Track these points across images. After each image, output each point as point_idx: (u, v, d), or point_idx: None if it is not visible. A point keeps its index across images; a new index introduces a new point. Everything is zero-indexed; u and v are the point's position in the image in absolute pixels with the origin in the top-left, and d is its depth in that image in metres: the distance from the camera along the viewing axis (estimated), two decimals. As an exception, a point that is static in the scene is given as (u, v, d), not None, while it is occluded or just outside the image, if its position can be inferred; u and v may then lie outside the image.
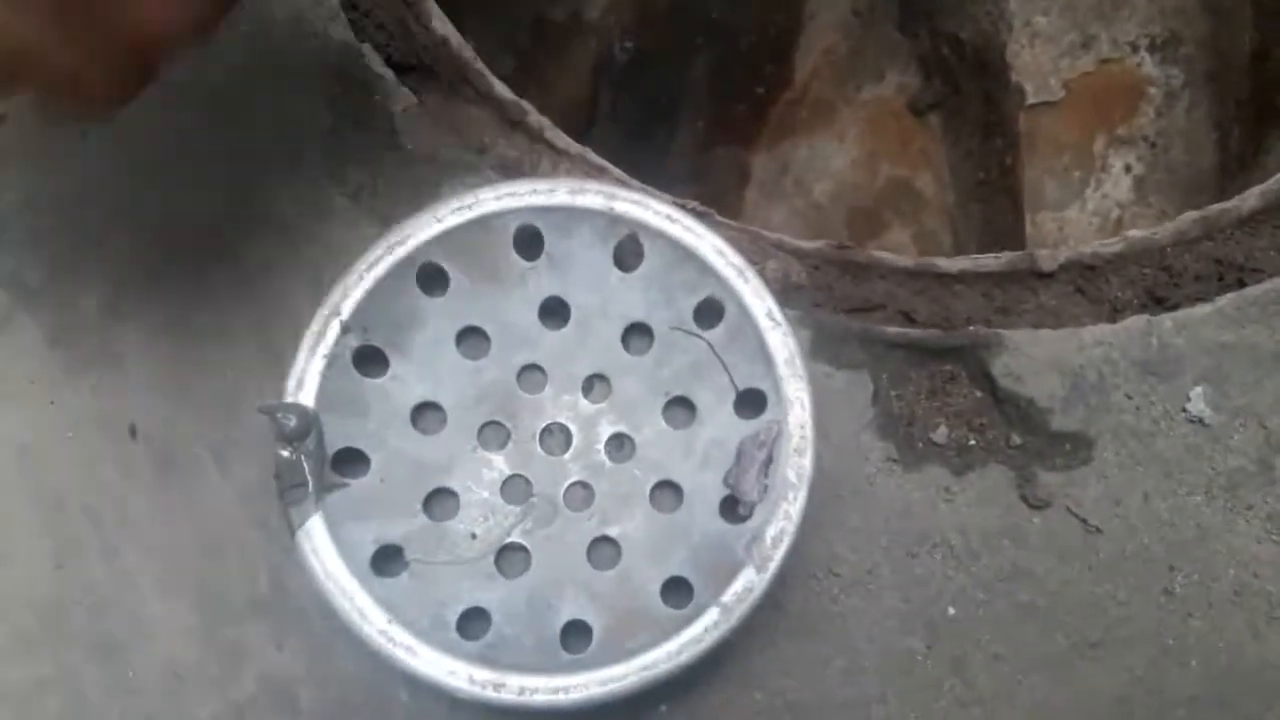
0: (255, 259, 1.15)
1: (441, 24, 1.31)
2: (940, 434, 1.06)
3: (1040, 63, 2.13)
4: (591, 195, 1.08)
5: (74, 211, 1.17)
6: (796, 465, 0.96)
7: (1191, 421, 1.06)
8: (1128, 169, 2.10)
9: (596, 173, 1.27)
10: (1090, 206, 2.09)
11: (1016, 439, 1.06)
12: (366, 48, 1.26)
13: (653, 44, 2.70)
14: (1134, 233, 1.21)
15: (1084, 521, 1.04)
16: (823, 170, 2.49)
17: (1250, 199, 1.24)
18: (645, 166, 2.53)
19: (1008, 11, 2.18)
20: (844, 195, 2.47)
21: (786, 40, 2.68)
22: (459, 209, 1.06)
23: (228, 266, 1.15)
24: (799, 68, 2.63)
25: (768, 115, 2.60)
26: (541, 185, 1.08)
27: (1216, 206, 1.22)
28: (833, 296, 1.18)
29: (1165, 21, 2.08)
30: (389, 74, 1.25)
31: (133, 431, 1.09)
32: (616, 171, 1.28)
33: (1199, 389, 1.07)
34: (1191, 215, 1.22)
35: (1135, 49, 2.10)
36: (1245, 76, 1.99)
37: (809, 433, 0.97)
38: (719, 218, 1.23)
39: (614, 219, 1.07)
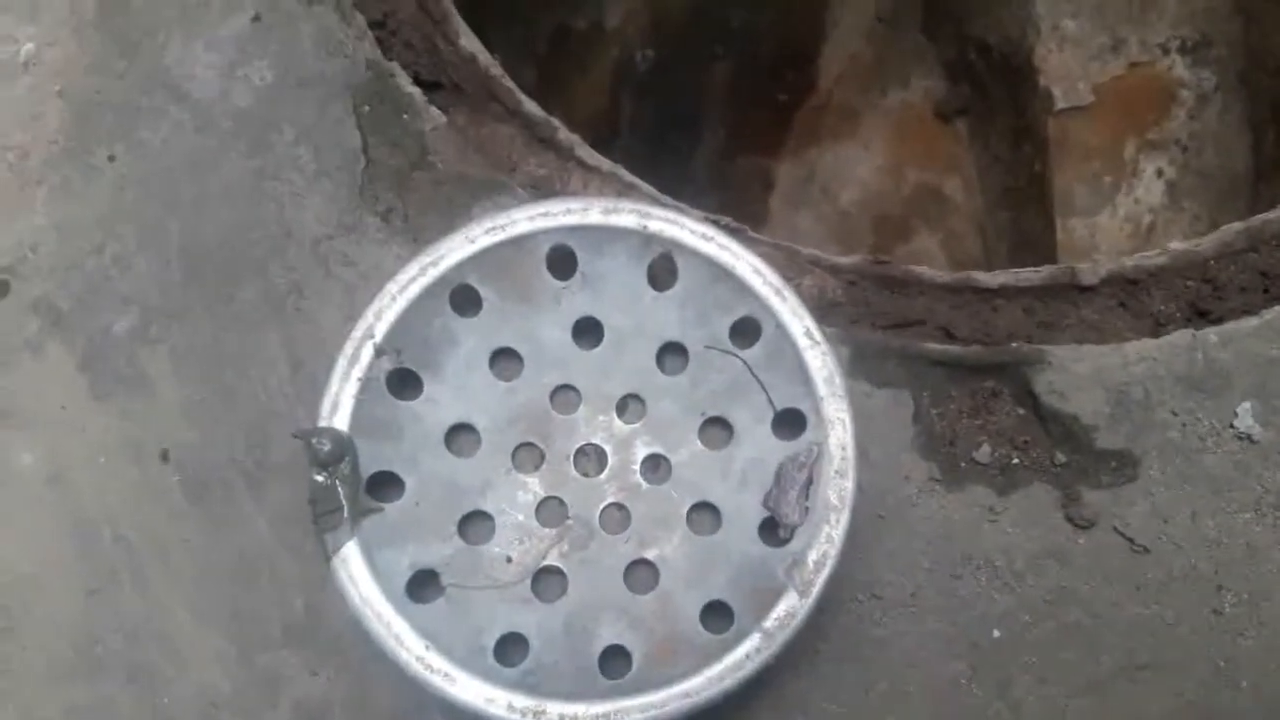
0: (285, 280, 1.15)
1: (469, 41, 1.30)
2: (983, 453, 1.04)
3: (1069, 66, 2.11)
4: (625, 214, 1.06)
5: (102, 236, 1.17)
6: (838, 487, 0.94)
7: (1239, 438, 1.04)
8: (1159, 173, 2.07)
9: (628, 190, 1.25)
10: (1122, 212, 2.06)
11: (1061, 457, 1.04)
12: (395, 66, 1.25)
13: (673, 52, 2.69)
14: (1176, 245, 1.19)
15: (1130, 541, 1.01)
16: (849, 177, 2.47)
17: (1294, 209, 1.21)
18: (668, 175, 2.52)
19: (1035, 15, 2.16)
20: (871, 202, 2.44)
21: (809, 47, 2.66)
22: (492, 229, 1.05)
23: (257, 288, 1.15)
24: (823, 74, 2.61)
25: (791, 122, 2.58)
26: (575, 204, 1.07)
27: (1260, 217, 1.20)
28: (870, 312, 1.16)
29: (1196, 23, 2.05)
30: (418, 92, 1.24)
31: (164, 456, 1.08)
32: (648, 188, 1.26)
33: (1246, 404, 1.05)
34: (1235, 226, 1.19)
35: (1166, 51, 2.07)
36: (1278, 79, 1.96)
37: (850, 454, 0.95)
38: (753, 234, 1.22)
39: (648, 238, 1.06)
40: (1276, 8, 1.96)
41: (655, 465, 1.02)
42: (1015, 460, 1.04)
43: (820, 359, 0.99)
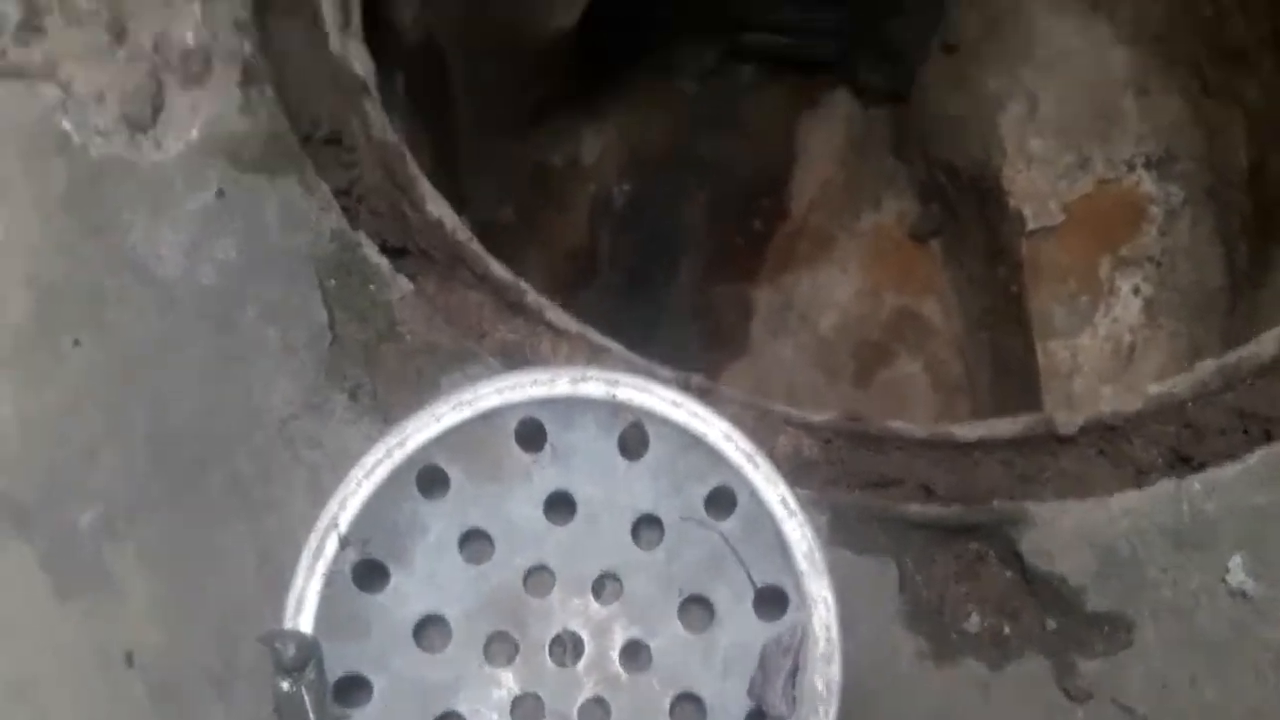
0: (252, 467, 1.12)
1: (436, 206, 1.30)
2: (973, 623, 1.00)
3: (1038, 186, 2.13)
4: (594, 383, 1.05)
5: (66, 426, 1.15)
6: (825, 674, 0.90)
7: (1233, 594, 1.01)
8: (1136, 291, 2.08)
9: (599, 353, 1.24)
10: (1101, 332, 2.07)
11: (1052, 623, 1.01)
12: (361, 235, 1.25)
13: (649, 185, 2.73)
14: (1153, 388, 1.17)
15: (1131, 711, 0.97)
16: (827, 302, 2.48)
17: (1268, 344, 1.20)
18: (648, 307, 2.53)
19: (1000, 136, 2.19)
20: (850, 327, 2.45)
21: (782, 174, 2.70)
22: (458, 405, 1.03)
23: (224, 475, 1.12)
24: (795, 200, 2.64)
25: (767, 249, 2.60)
26: (542, 375, 1.05)
27: (1233, 355, 1.19)
28: (847, 472, 1.14)
29: (1160, 138, 2.09)
30: (384, 262, 1.24)
31: (129, 660, 1.04)
32: (619, 349, 1.25)
33: (1237, 558, 1.02)
34: (1210, 365, 1.19)
35: (1132, 168, 2.11)
36: (1245, 192, 1.98)
37: (835, 636, 0.92)
38: (725, 391, 1.20)
39: (617, 407, 1.04)
40: (1236, 122, 2.00)
41: (635, 652, 0.98)
42: (1006, 630, 1.00)
43: (798, 530, 0.96)
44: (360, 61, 1.34)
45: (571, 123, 2.62)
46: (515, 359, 1.22)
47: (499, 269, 1.28)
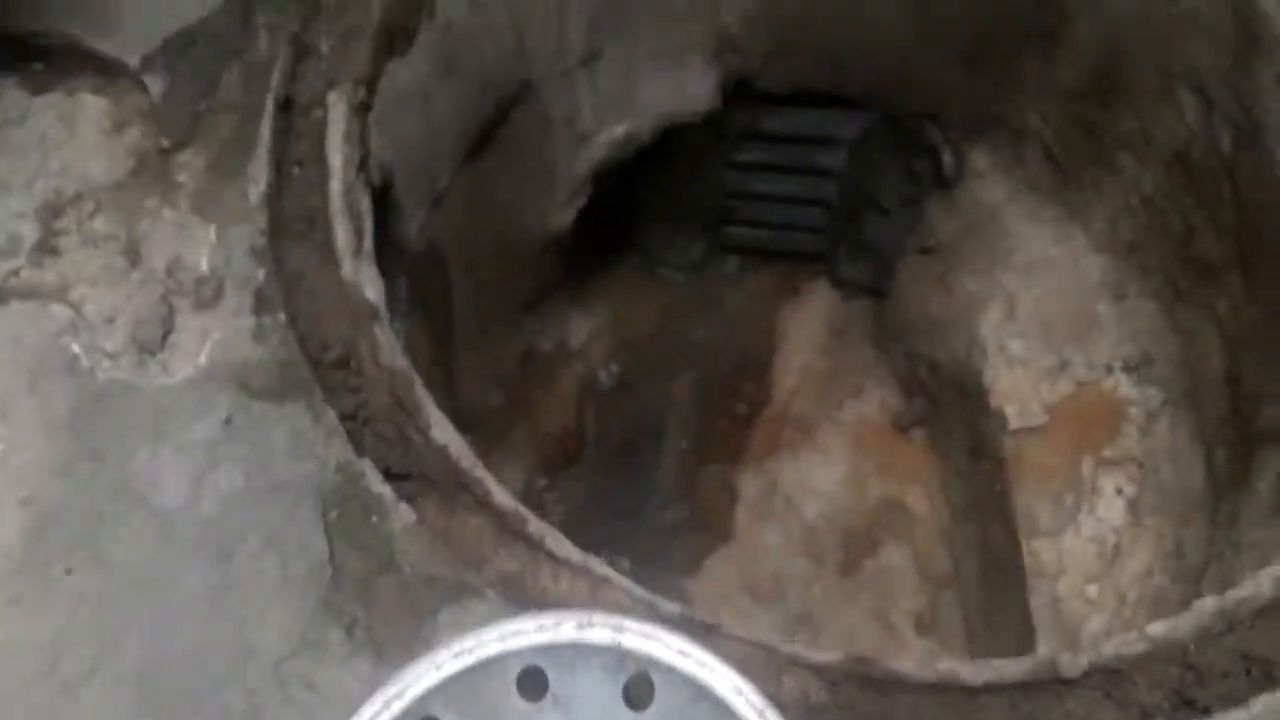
0: (244, 706, 1.09)
1: (441, 430, 1.31)
2: None
3: (1019, 387, 2.18)
4: (599, 629, 1.03)
5: (53, 658, 1.12)
6: None
7: None
8: (1119, 491, 2.10)
9: (600, 584, 1.24)
10: (1086, 532, 2.08)
11: None
12: (366, 464, 1.25)
13: (636, 367, 2.77)
14: (1155, 628, 1.18)
15: None
16: (812, 489, 2.49)
17: (1265, 584, 1.22)
18: (633, 489, 2.52)
19: (981, 337, 2.25)
20: (836, 515, 2.45)
21: (764, 359, 2.75)
22: (460, 654, 1.01)
23: (213, 715, 1.09)
24: (778, 385, 2.69)
25: (751, 433, 2.62)
26: (547, 620, 1.03)
27: (1232, 595, 1.20)
28: (855, 716, 1.12)
29: (1137, 342, 2.15)
30: (388, 491, 1.24)
31: None
32: (622, 581, 1.25)
33: (1249, 813, 1.00)
34: (1210, 606, 1.20)
35: (1111, 370, 2.16)
36: (1221, 396, 2.03)
37: None
38: (728, 631, 1.19)
39: (623, 654, 1.03)
40: (1209, 328, 2.07)
41: None
42: None
43: (809, 794, 0.94)
44: (372, 286, 1.38)
45: (561, 309, 2.67)
46: (515, 590, 1.21)
47: (501, 495, 1.28)
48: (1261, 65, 1.71)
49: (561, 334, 2.69)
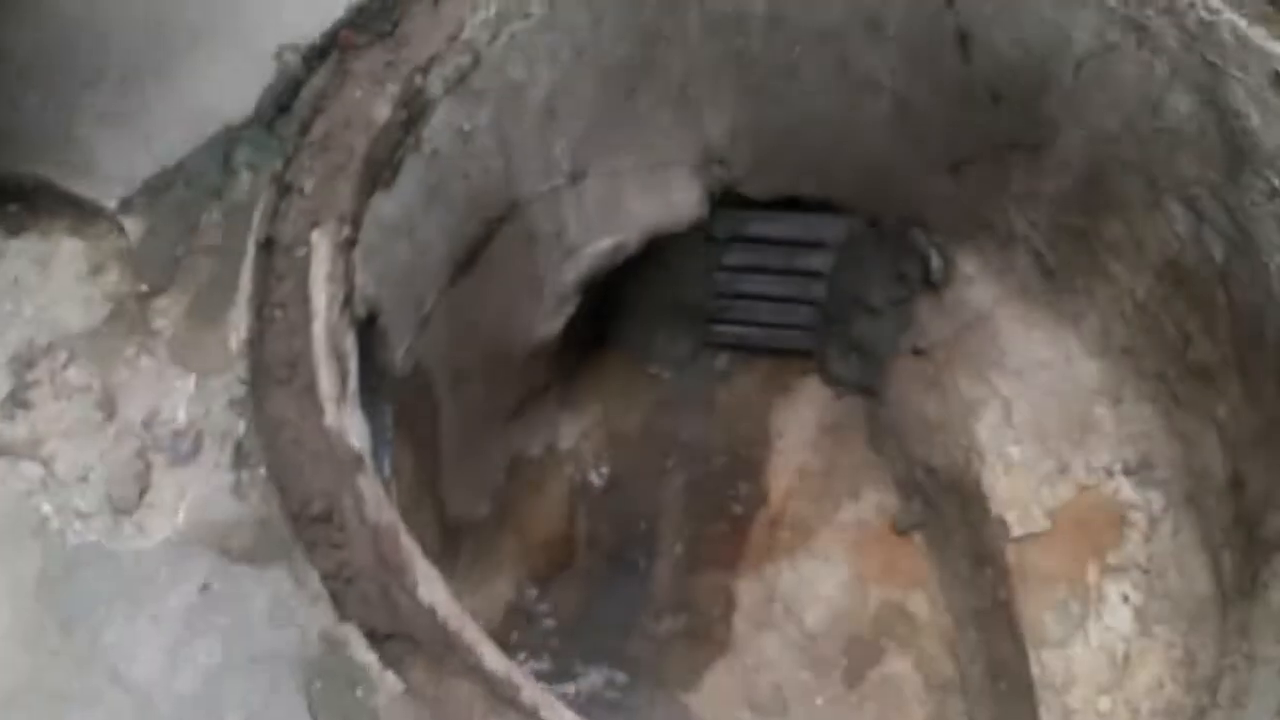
0: None
1: (429, 589, 1.26)
2: None
3: (1019, 492, 2.15)
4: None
5: None
6: None
7: None
8: (1125, 598, 2.06)
9: (598, 756, 1.17)
10: (1094, 641, 2.03)
11: None
12: (349, 630, 1.20)
13: (627, 467, 2.72)
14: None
15: None
16: (812, 595, 2.43)
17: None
18: (627, 597, 2.46)
19: (978, 442, 2.22)
20: (837, 622, 2.39)
21: (758, 458, 2.71)
22: None
23: None
24: (773, 486, 2.64)
25: (748, 536, 2.57)
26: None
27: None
28: None
29: (1136, 446, 2.12)
30: (373, 660, 1.18)
31: None
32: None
33: None
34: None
35: (1111, 474, 2.13)
36: (1226, 501, 2.00)
37: None
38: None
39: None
40: (1209, 432, 2.04)
41: None
42: None
43: None
44: (356, 432, 1.33)
45: (549, 411, 2.63)
46: (510, 766, 1.15)
47: (492, 659, 1.22)
48: (1251, 179, 1.70)
49: (550, 437, 2.65)
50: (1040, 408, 2.20)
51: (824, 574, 2.46)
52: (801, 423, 2.75)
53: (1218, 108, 1.75)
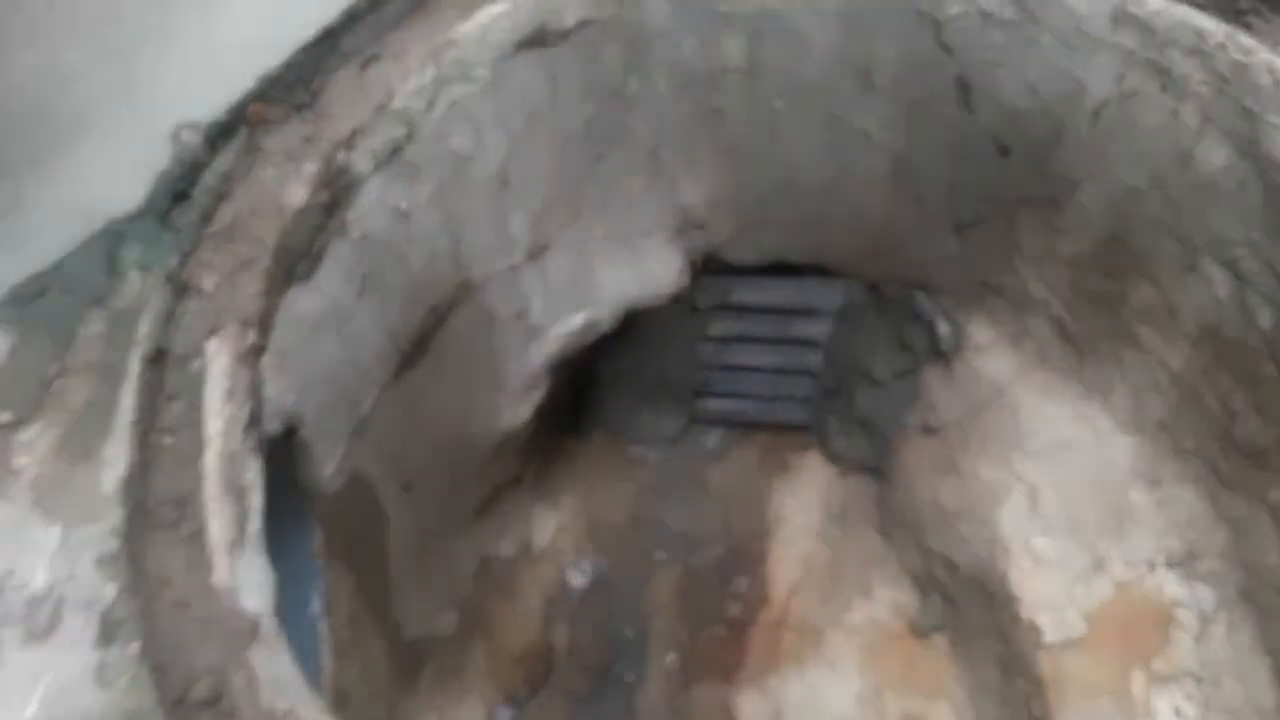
0: None
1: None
2: None
3: (1051, 591, 1.90)
4: None
5: None
6: None
7: None
8: (1177, 712, 1.80)
9: None
10: (1146, 765, 1.78)
11: None
12: None
13: (611, 564, 2.47)
14: None
15: None
16: (822, 710, 2.17)
17: None
18: (615, 716, 2.19)
19: (1002, 533, 1.98)
20: (851, 740, 2.13)
21: (757, 549, 2.46)
22: None
23: None
24: (775, 581, 2.39)
25: (748, 641, 2.31)
26: None
27: None
28: None
29: (1179, 535, 1.88)
30: None
31: None
32: None
33: None
34: None
35: (1153, 567, 1.88)
36: (1284, 596, 1.76)
37: None
38: None
39: None
40: (1262, 517, 1.80)
41: None
42: None
43: None
44: (254, 591, 1.09)
45: (522, 505, 2.39)
46: None
47: None
48: (1303, 238, 1.48)
49: (524, 534, 2.40)
50: (1069, 494, 1.96)
51: (835, 684, 2.20)
52: (804, 506, 2.50)
53: (1257, 159, 1.53)
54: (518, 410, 2.05)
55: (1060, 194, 1.82)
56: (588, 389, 2.62)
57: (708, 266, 2.27)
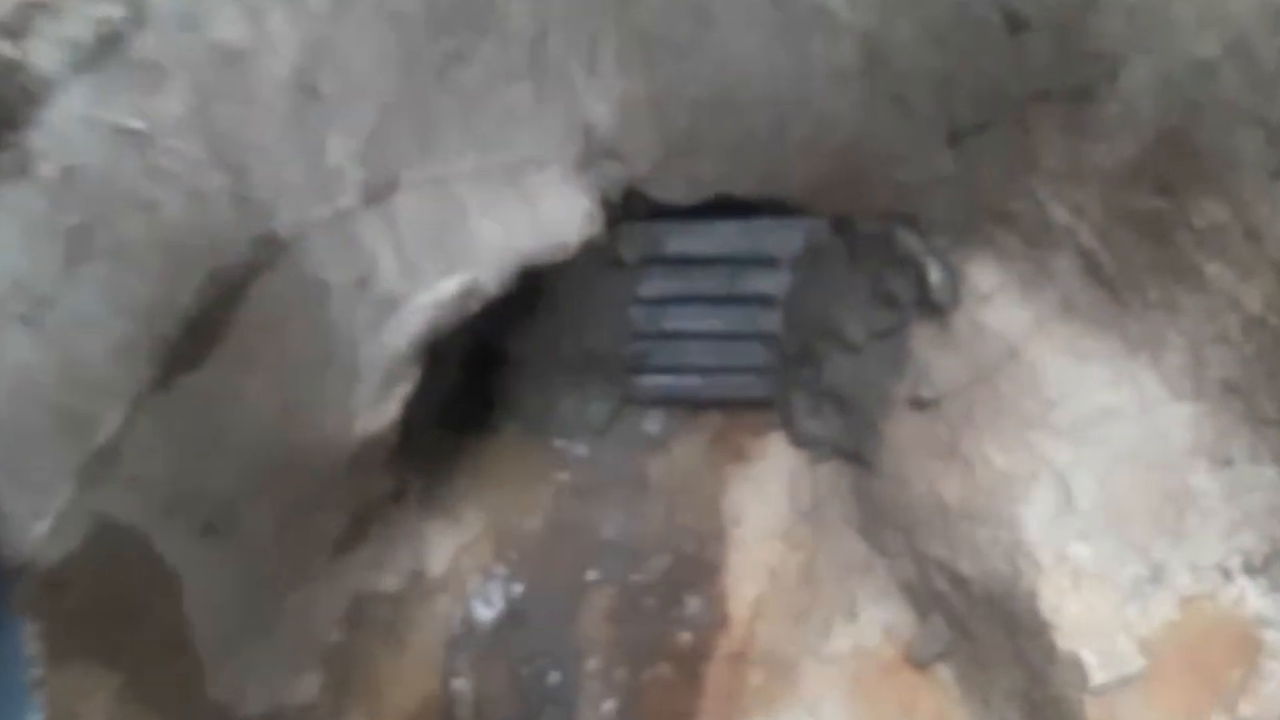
0: None
1: None
2: None
3: (1097, 614, 1.43)
4: None
5: None
6: None
7: None
8: (1274, 770, 1.36)
9: None
10: None
11: None
12: None
13: (529, 588, 1.97)
14: None
15: None
16: (799, 769, 1.69)
17: None
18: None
19: (1026, 536, 1.50)
20: (838, 808, 1.66)
21: (710, 558, 1.98)
22: None
23: None
24: (734, 599, 1.90)
25: (703, 681, 1.83)
26: None
27: None
28: None
29: (1259, 529, 1.41)
30: None
31: None
32: None
33: None
34: None
35: (1228, 575, 1.42)
36: (1407, 608, 1.30)
37: None
38: None
39: None
40: (1365, 503, 1.34)
41: None
42: None
43: None
44: None
45: (407, 525, 1.88)
46: None
47: None
48: None
49: (412, 560, 1.89)
50: (1112, 482, 1.48)
51: (813, 731, 1.73)
52: (766, 502, 2.02)
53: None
54: (379, 408, 1.53)
55: (1095, 80, 1.33)
56: (492, 373, 2.11)
57: (630, 209, 1.76)
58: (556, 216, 1.54)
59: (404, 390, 1.56)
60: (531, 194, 1.51)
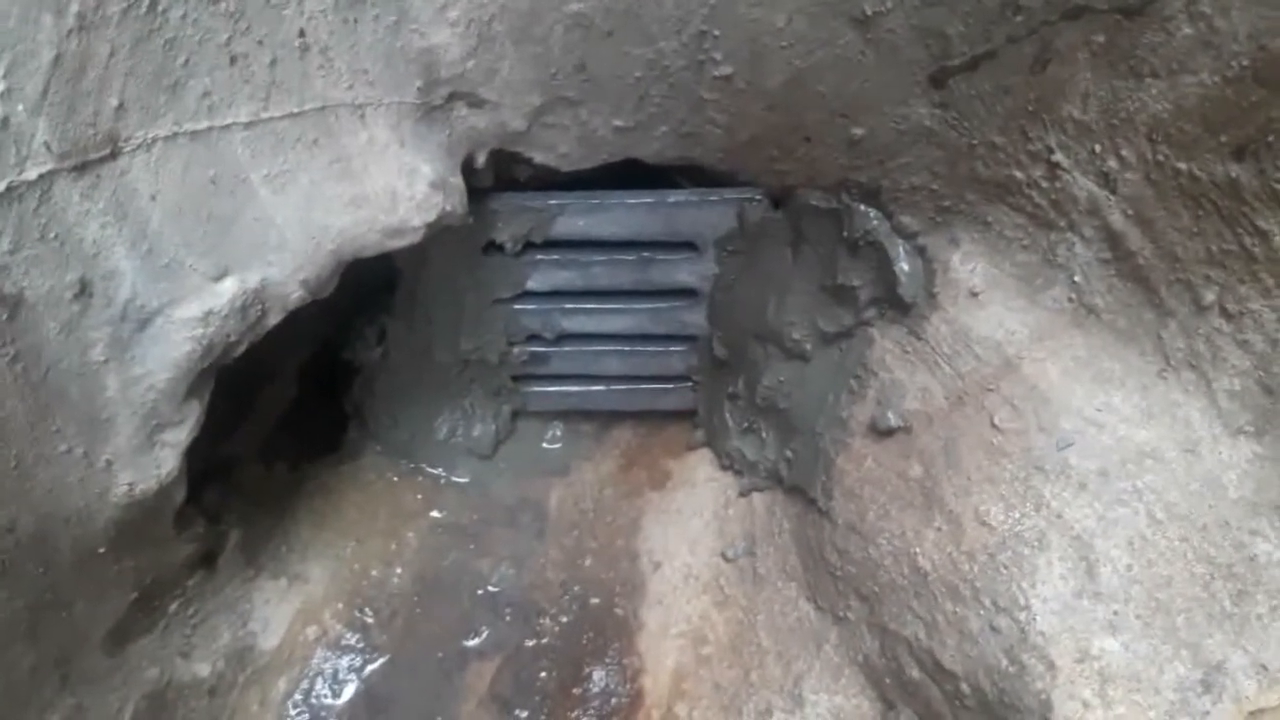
0: None
1: None
2: None
3: (1126, 731, 1.06)
4: None
5: None
6: None
7: None
8: None
9: None
10: None
11: None
12: None
13: (392, 660, 1.55)
14: None
15: None
16: None
17: None
18: None
19: (1033, 625, 1.12)
20: None
21: (623, 613, 1.57)
22: None
23: None
24: (653, 672, 1.50)
25: (611, 784, 1.43)
26: None
27: None
28: None
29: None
30: None
31: None
32: None
33: None
34: None
35: (1297, 673, 1.06)
36: None
37: None
38: None
39: None
40: None
41: None
42: None
43: None
44: None
45: (228, 595, 1.44)
46: None
47: None
48: None
49: (231, 637, 1.45)
50: (1149, 550, 1.10)
51: None
52: (690, 541, 1.62)
53: None
54: (142, 462, 1.09)
55: (1145, -9, 0.92)
56: (342, 387, 1.67)
57: (506, 178, 1.33)
58: (389, 187, 1.10)
59: (179, 436, 1.11)
60: (349, 156, 1.06)
